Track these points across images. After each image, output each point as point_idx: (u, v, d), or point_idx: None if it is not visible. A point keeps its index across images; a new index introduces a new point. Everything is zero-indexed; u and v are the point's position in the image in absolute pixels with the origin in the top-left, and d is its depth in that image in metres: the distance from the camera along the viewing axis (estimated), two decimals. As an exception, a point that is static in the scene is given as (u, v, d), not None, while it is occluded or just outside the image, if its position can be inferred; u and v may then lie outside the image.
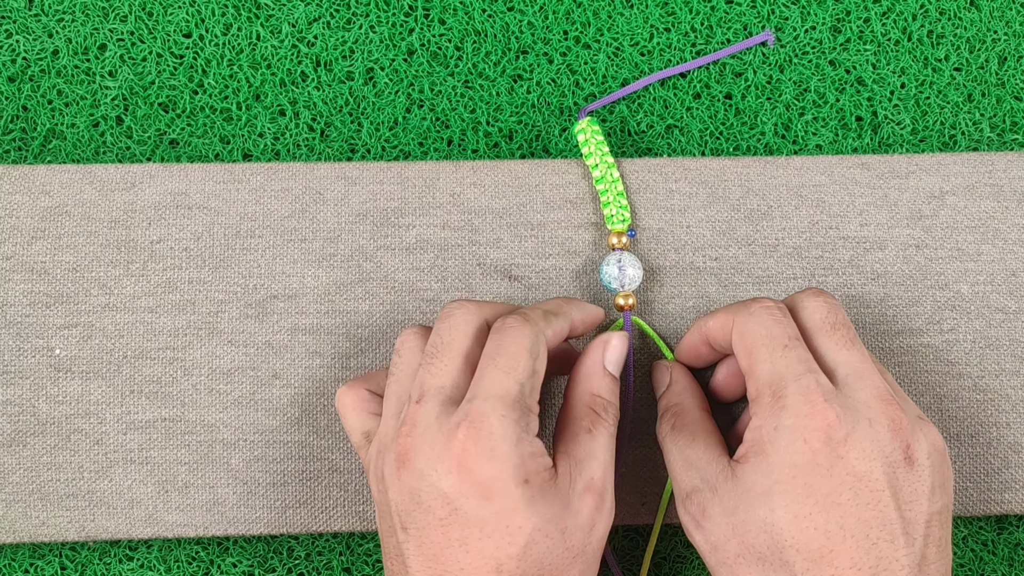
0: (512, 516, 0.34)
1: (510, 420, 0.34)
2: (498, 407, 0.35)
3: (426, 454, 0.34)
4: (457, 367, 0.36)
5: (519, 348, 0.36)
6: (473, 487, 0.34)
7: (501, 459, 0.34)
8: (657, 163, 0.46)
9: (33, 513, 0.42)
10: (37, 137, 0.46)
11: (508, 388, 0.35)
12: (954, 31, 0.49)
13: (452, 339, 0.37)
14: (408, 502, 0.35)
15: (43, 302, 0.43)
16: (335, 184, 0.45)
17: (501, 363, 0.36)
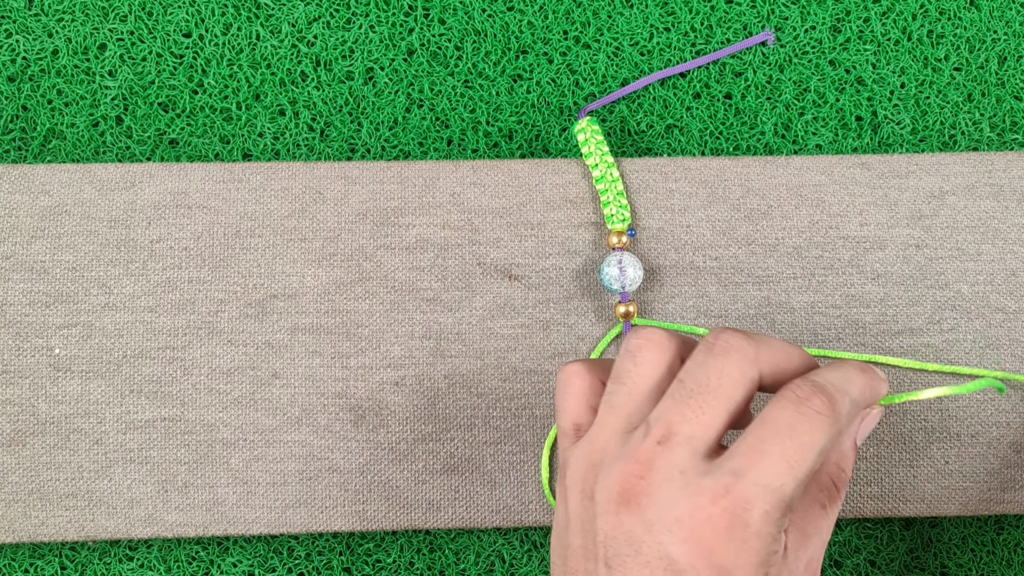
0: None
1: (772, 519, 0.30)
2: (768, 502, 0.30)
3: (662, 509, 0.31)
4: (719, 421, 0.32)
5: (813, 443, 0.31)
6: (710, 567, 0.30)
7: (751, 553, 0.30)
8: (657, 163, 0.46)
9: (33, 513, 0.42)
10: (37, 137, 0.46)
11: (784, 484, 0.31)
12: (954, 31, 0.49)
13: (721, 385, 0.32)
14: (623, 544, 0.31)
15: (43, 301, 0.43)
16: (335, 184, 0.45)
17: (788, 451, 0.31)
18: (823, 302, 0.45)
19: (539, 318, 0.44)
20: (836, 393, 0.32)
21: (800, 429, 0.31)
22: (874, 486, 0.44)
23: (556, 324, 0.44)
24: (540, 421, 0.44)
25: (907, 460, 0.44)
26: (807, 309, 0.45)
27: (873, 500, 0.44)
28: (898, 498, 0.44)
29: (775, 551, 0.31)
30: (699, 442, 0.31)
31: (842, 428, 0.32)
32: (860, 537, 0.46)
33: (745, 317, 0.44)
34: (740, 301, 0.45)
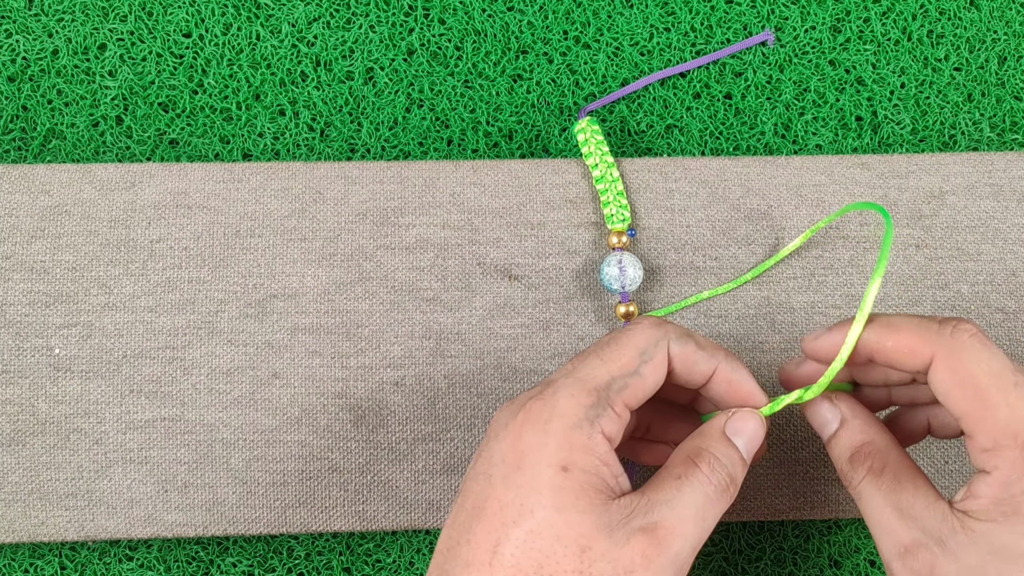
0: (529, 496, 0.31)
1: (576, 402, 0.32)
2: (572, 387, 0.32)
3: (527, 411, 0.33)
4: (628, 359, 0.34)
5: (630, 343, 0.34)
6: (514, 455, 0.32)
7: (547, 433, 0.32)
8: (657, 163, 0.46)
9: (32, 513, 0.42)
10: (37, 137, 0.46)
11: (594, 375, 0.33)
12: (954, 31, 0.49)
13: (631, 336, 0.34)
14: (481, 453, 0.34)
15: (43, 301, 0.43)
16: (335, 184, 0.45)
17: (605, 352, 0.34)
18: (823, 302, 0.45)
19: (539, 318, 0.44)
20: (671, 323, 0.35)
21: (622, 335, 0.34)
22: (874, 486, 0.44)
23: (556, 324, 0.44)
24: (540, 421, 0.44)
25: (907, 460, 0.44)
26: (807, 309, 0.45)
27: (873, 500, 0.44)
28: (898, 498, 0.44)
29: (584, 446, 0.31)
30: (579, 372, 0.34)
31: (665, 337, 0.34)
32: (860, 537, 0.46)
33: (745, 317, 0.44)
34: (740, 301, 0.45)
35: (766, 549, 0.46)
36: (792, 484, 0.44)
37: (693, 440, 0.35)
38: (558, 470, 0.31)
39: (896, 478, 0.33)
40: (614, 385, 0.33)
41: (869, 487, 0.34)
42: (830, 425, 0.36)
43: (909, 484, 0.33)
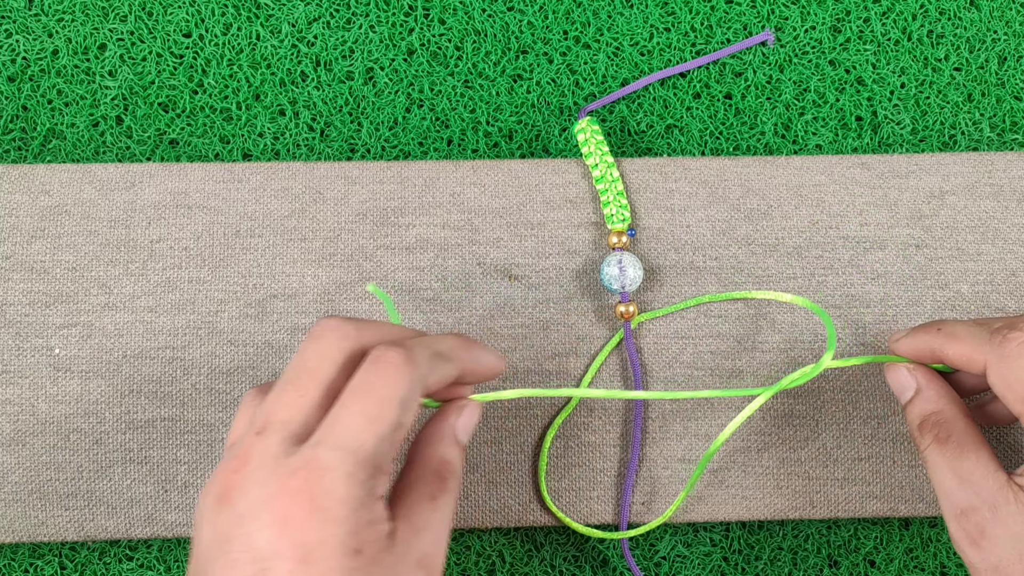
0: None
1: (356, 480, 0.30)
2: (346, 462, 0.30)
3: (253, 497, 0.30)
4: (313, 400, 0.31)
5: (390, 394, 0.31)
6: (292, 548, 0.29)
7: (334, 523, 0.29)
8: (657, 163, 0.46)
9: (32, 513, 0.42)
10: (37, 137, 0.46)
11: (364, 441, 0.30)
12: (954, 31, 0.49)
13: (317, 367, 0.32)
14: (215, 548, 0.29)
15: (43, 301, 0.43)
16: (335, 184, 0.45)
17: (366, 407, 0.31)
18: (823, 302, 0.45)
19: (539, 318, 0.44)
20: (415, 345, 0.32)
21: (376, 384, 0.31)
22: (874, 486, 0.44)
23: (556, 324, 0.44)
24: (540, 421, 0.44)
25: (907, 460, 0.44)
26: (807, 309, 0.45)
27: (873, 500, 0.44)
28: (897, 498, 0.44)
29: (369, 522, 0.30)
30: (293, 425, 0.31)
31: (421, 377, 0.32)
32: (859, 537, 0.46)
33: (745, 317, 0.44)
34: (740, 301, 0.45)
35: (766, 549, 0.46)
36: (792, 484, 0.44)
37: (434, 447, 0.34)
38: (352, 555, 0.29)
39: (960, 447, 0.36)
40: (383, 448, 0.31)
41: (934, 453, 0.37)
42: (907, 392, 0.39)
43: (972, 454, 0.36)
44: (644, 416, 0.44)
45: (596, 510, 0.43)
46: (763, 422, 0.44)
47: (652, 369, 0.44)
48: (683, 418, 0.44)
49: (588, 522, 0.44)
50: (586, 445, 0.44)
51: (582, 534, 0.44)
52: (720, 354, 0.44)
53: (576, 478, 0.44)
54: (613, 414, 0.44)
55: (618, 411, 0.44)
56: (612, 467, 0.44)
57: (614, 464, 0.44)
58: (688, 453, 0.44)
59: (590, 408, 0.44)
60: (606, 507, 0.44)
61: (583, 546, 0.45)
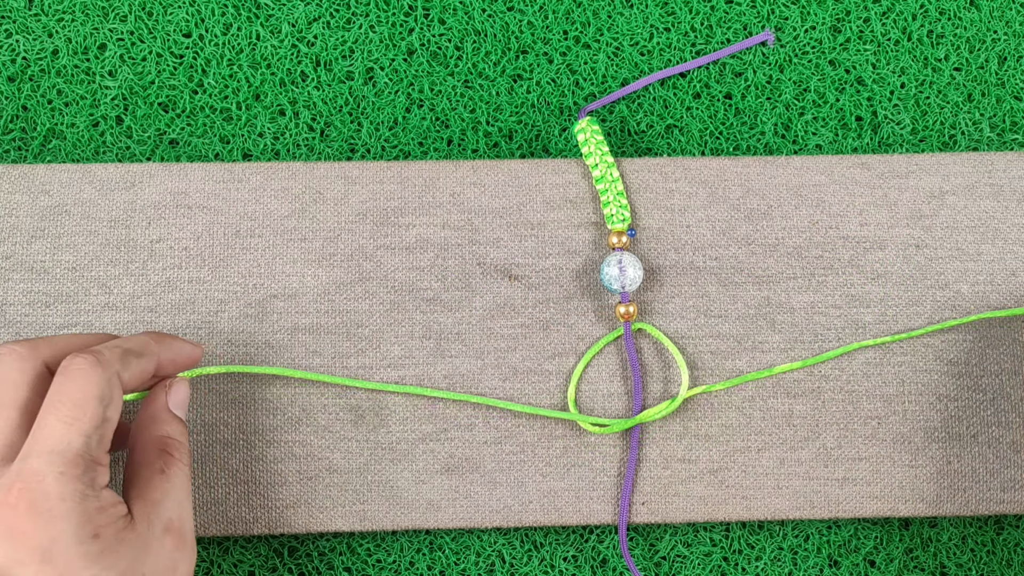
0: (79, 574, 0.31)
1: (70, 476, 0.32)
2: (56, 463, 0.32)
3: None
4: (10, 422, 0.33)
5: (86, 394, 0.33)
6: (29, 553, 0.31)
7: (61, 519, 0.31)
8: (657, 163, 0.46)
9: (33, 513, 0.42)
10: (37, 137, 0.46)
11: (70, 441, 0.32)
12: (954, 31, 0.49)
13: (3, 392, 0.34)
14: None
15: (43, 301, 0.43)
16: (335, 184, 0.45)
17: (63, 413, 0.33)
18: (823, 302, 0.45)
19: (539, 318, 0.44)
20: (102, 350, 0.34)
21: (68, 389, 0.33)
22: (874, 486, 0.44)
23: (556, 324, 0.44)
24: (540, 421, 0.44)
25: (907, 460, 0.44)
26: (807, 309, 0.45)
27: (872, 500, 0.44)
28: (897, 498, 0.44)
29: (98, 509, 0.32)
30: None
31: (114, 373, 0.34)
32: (859, 537, 0.46)
33: (745, 317, 0.44)
34: (740, 301, 0.45)
35: (766, 549, 0.46)
36: (792, 484, 0.44)
37: (151, 427, 0.37)
38: (90, 540, 0.32)
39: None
40: (91, 443, 0.33)
41: None
42: None
43: None
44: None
45: (596, 510, 0.43)
46: (763, 422, 0.44)
47: (652, 369, 0.44)
48: (683, 418, 0.44)
49: (588, 522, 0.44)
50: (586, 446, 0.44)
51: (591, 427, 0.44)
52: (720, 354, 0.44)
53: (576, 478, 0.44)
54: (613, 414, 0.44)
55: (618, 411, 0.44)
56: (612, 467, 0.44)
57: (614, 464, 0.44)
58: (688, 453, 0.44)
59: (590, 408, 0.44)
60: (606, 507, 0.44)
61: (583, 546, 0.45)
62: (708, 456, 0.44)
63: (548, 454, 0.44)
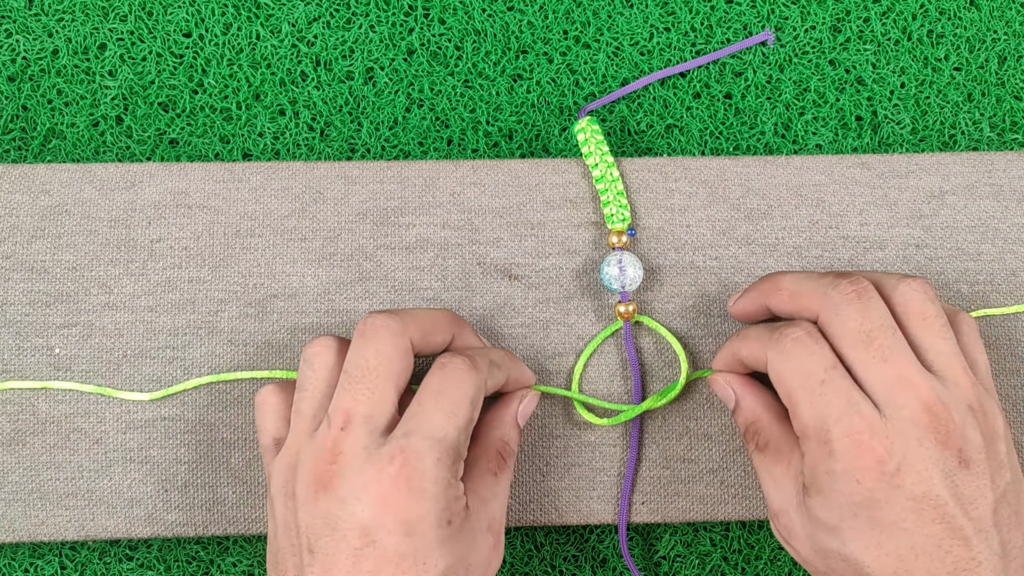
0: (430, 554, 0.34)
1: (444, 465, 0.35)
2: (436, 450, 0.35)
3: (352, 483, 0.34)
4: (387, 396, 0.36)
5: (463, 394, 0.36)
6: (397, 523, 0.34)
7: (430, 500, 0.34)
8: (657, 163, 0.46)
9: (33, 512, 0.42)
10: (37, 137, 0.46)
11: (447, 433, 0.35)
12: (954, 31, 0.49)
13: (379, 363, 0.36)
14: (322, 526, 0.35)
15: (43, 301, 0.43)
16: (335, 183, 0.45)
17: (444, 406, 0.36)
18: (823, 302, 0.45)
19: (539, 318, 0.44)
20: (474, 354, 0.38)
21: (449, 385, 0.36)
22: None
23: (556, 324, 0.44)
24: (540, 421, 0.44)
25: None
26: (807, 309, 0.45)
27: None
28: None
29: (455, 498, 0.35)
30: (376, 419, 0.36)
31: (484, 381, 0.37)
32: (860, 537, 0.46)
33: (745, 317, 0.44)
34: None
35: (765, 549, 0.46)
36: (792, 484, 0.44)
37: (496, 430, 0.40)
38: (445, 525, 0.35)
39: (776, 453, 0.38)
40: (461, 438, 0.36)
41: (756, 458, 0.39)
42: (730, 403, 0.41)
43: (784, 460, 0.38)
44: (644, 416, 0.44)
45: (596, 510, 0.43)
46: (763, 422, 0.44)
47: (652, 369, 0.44)
48: (683, 418, 0.44)
49: (588, 522, 0.44)
50: (586, 445, 0.44)
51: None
52: (720, 354, 0.44)
53: (576, 478, 0.44)
54: (613, 414, 0.44)
55: (618, 411, 0.44)
56: (612, 467, 0.44)
57: (614, 464, 0.44)
58: (688, 453, 0.44)
59: (590, 408, 0.44)
60: (606, 507, 0.44)
61: (583, 546, 0.45)
62: (708, 456, 0.44)
63: (548, 454, 0.44)
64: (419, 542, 0.34)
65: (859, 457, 0.35)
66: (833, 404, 0.35)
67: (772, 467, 0.38)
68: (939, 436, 0.35)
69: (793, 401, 0.37)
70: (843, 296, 0.37)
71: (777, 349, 0.37)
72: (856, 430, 0.35)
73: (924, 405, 0.35)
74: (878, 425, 0.35)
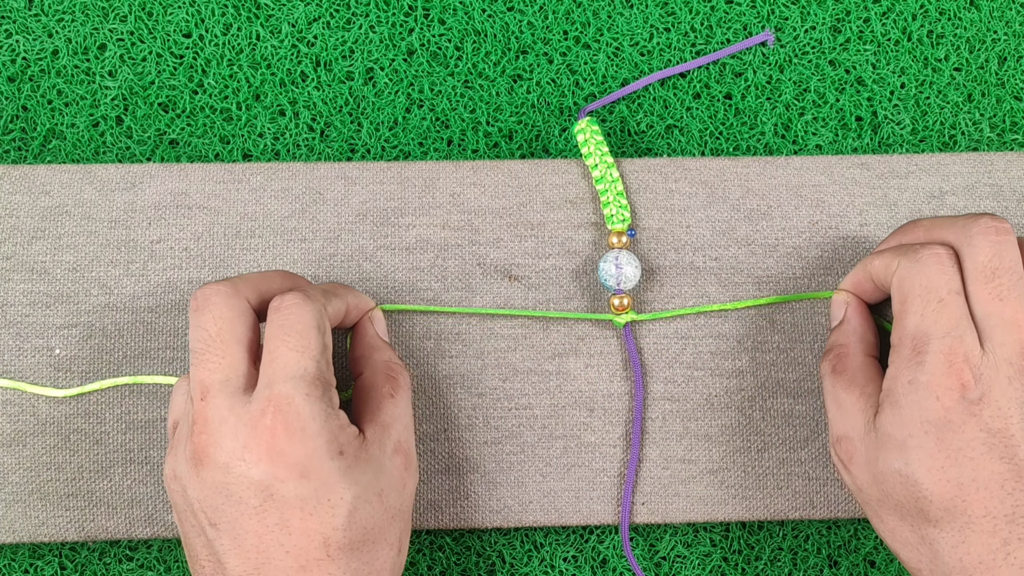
0: (332, 489, 0.34)
1: (315, 398, 0.35)
2: (301, 387, 0.35)
3: (228, 447, 0.34)
4: (238, 357, 0.36)
5: (306, 325, 0.36)
6: (288, 469, 0.34)
7: (313, 437, 0.34)
8: (657, 163, 0.46)
9: (33, 513, 0.42)
10: (37, 137, 0.46)
11: (306, 367, 0.35)
12: (954, 31, 0.49)
13: (220, 329, 0.36)
14: (215, 496, 0.34)
15: (43, 302, 0.43)
16: (335, 184, 0.45)
17: (292, 342, 0.35)
18: (823, 302, 0.45)
19: (539, 318, 0.44)
20: (303, 287, 0.38)
21: (289, 322, 0.36)
22: (874, 486, 0.44)
23: (556, 324, 0.44)
24: (540, 421, 0.44)
25: (907, 460, 0.44)
26: (807, 309, 0.45)
27: (873, 500, 0.44)
28: (898, 498, 0.44)
29: (340, 428, 0.35)
30: (232, 381, 0.35)
31: (322, 306, 0.37)
32: (859, 537, 0.46)
33: (745, 316, 0.44)
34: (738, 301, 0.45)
35: (766, 549, 0.46)
36: (792, 484, 0.44)
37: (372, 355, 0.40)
38: (337, 457, 0.35)
39: (850, 381, 0.39)
40: (322, 367, 0.36)
41: (828, 381, 0.40)
42: (835, 320, 0.42)
43: (857, 388, 0.39)
44: (644, 416, 0.44)
45: (596, 510, 0.44)
46: (763, 422, 0.44)
47: (652, 369, 0.44)
48: (683, 418, 0.44)
49: (588, 522, 0.44)
50: (586, 445, 0.44)
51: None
52: (720, 354, 0.44)
53: (576, 478, 0.44)
54: (613, 414, 0.44)
55: (618, 411, 0.44)
56: (612, 467, 0.44)
57: (614, 464, 0.44)
58: (688, 453, 0.44)
59: (590, 408, 0.44)
60: (606, 507, 0.44)
61: (583, 546, 0.45)
62: (708, 456, 0.44)
63: (548, 454, 0.44)
64: (316, 480, 0.34)
65: (947, 375, 0.35)
66: (942, 323, 0.36)
67: (843, 393, 0.39)
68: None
69: (906, 308, 0.37)
70: (981, 229, 0.37)
71: (912, 258, 0.37)
72: (953, 351, 0.35)
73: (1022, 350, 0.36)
74: (975, 355, 0.35)
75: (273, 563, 0.34)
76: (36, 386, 0.43)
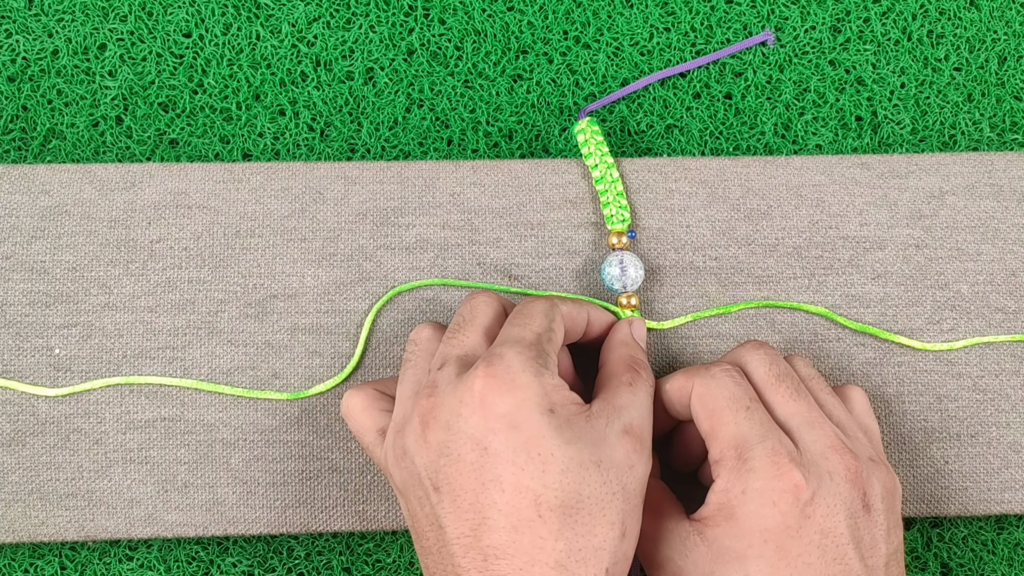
0: (541, 443, 0.34)
1: (527, 356, 0.36)
2: (514, 347, 0.36)
3: (449, 405, 0.35)
4: (478, 337, 0.38)
5: (534, 311, 0.38)
6: (498, 420, 0.34)
7: (522, 388, 0.35)
8: (657, 163, 0.46)
9: (33, 513, 0.42)
10: (37, 137, 0.46)
11: (523, 335, 0.37)
12: (954, 31, 0.49)
13: (474, 315, 0.39)
14: (437, 459, 0.35)
15: (43, 301, 0.43)
16: (335, 184, 0.45)
17: (516, 321, 0.38)
18: (823, 302, 0.45)
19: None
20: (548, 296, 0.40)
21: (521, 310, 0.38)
22: (874, 486, 0.44)
23: (556, 324, 0.44)
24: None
25: (907, 460, 0.44)
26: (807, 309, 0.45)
27: (873, 500, 0.44)
28: (898, 498, 0.44)
29: (553, 387, 0.35)
30: (468, 357, 0.37)
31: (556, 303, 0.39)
32: (860, 537, 0.46)
33: (745, 317, 0.44)
34: (740, 301, 0.45)
35: (766, 549, 0.46)
36: (792, 484, 0.44)
37: (621, 349, 0.40)
38: (547, 413, 0.35)
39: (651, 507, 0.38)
40: (542, 339, 0.37)
41: None
42: None
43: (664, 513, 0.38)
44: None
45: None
46: (763, 422, 0.44)
47: (652, 368, 0.44)
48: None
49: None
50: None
51: None
52: (720, 354, 0.44)
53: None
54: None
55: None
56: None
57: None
58: (688, 453, 0.44)
59: None
60: (606, 507, 0.44)
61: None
62: (708, 456, 0.44)
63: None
64: (526, 432, 0.34)
65: (778, 478, 0.35)
66: (756, 427, 0.37)
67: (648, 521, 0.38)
68: (848, 474, 0.36)
69: (718, 420, 0.37)
70: (751, 347, 0.40)
71: (706, 376, 0.38)
72: (777, 452, 0.36)
73: (833, 444, 0.37)
74: (796, 453, 0.36)
75: (488, 523, 0.34)
76: (28, 385, 0.43)
